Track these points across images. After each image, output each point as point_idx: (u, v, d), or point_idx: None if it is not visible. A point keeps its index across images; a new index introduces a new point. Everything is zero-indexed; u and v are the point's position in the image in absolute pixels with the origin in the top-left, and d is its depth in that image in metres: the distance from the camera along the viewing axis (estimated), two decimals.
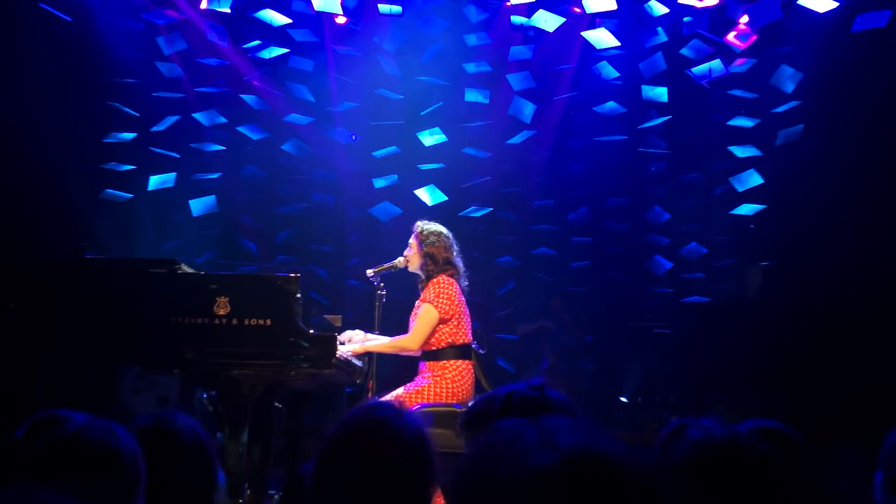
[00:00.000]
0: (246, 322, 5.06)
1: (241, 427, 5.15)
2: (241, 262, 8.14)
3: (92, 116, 7.72)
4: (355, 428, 2.02)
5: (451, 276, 5.59)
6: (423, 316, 5.49)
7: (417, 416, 2.09)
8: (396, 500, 1.98)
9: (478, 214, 8.10)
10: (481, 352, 5.62)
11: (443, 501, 3.25)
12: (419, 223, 5.74)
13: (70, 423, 1.91)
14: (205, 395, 6.44)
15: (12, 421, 2.01)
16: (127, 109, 7.77)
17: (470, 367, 5.52)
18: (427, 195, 7.91)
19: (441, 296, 5.48)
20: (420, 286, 5.67)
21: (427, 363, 5.53)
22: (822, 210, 7.62)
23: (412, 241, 5.70)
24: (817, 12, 7.32)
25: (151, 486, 1.95)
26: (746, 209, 7.84)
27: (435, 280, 5.55)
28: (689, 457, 1.95)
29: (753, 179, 7.72)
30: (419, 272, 5.67)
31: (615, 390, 7.92)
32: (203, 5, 7.78)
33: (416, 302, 5.63)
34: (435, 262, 5.59)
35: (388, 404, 2.10)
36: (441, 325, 5.49)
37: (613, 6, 7.52)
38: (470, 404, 2.45)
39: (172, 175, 7.92)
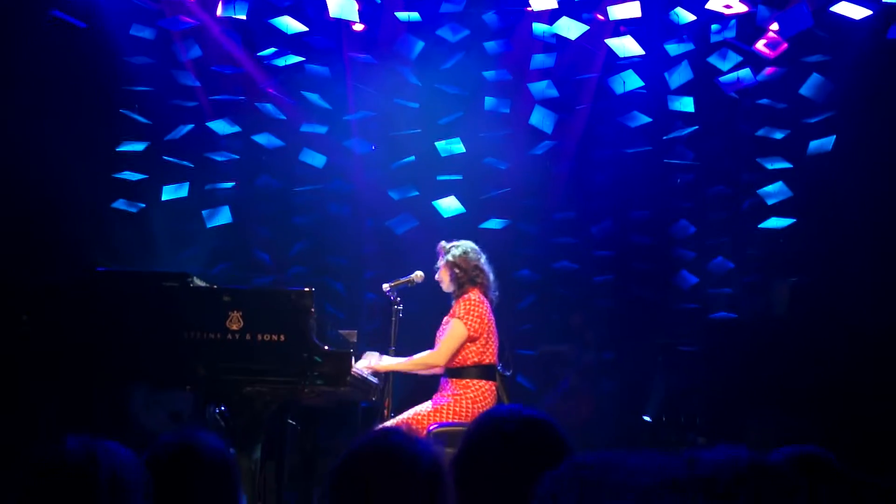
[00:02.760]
0: (259, 337, 4.97)
1: (255, 444, 5.08)
2: (255, 274, 8.01)
3: (103, 125, 7.61)
4: (366, 456, 1.90)
5: (482, 289, 5.45)
6: (452, 332, 5.36)
7: (431, 442, 1.98)
8: None
9: (497, 226, 7.91)
10: (506, 374, 5.47)
11: None
12: (443, 243, 5.67)
13: (55, 448, 1.91)
14: (217, 411, 6.34)
15: (21, 437, 2.03)
16: (138, 117, 7.64)
17: (493, 388, 5.38)
18: (442, 207, 7.76)
19: (472, 313, 5.36)
20: (453, 301, 5.54)
21: (450, 380, 5.40)
22: (855, 223, 7.38)
23: (440, 262, 5.61)
24: (851, 19, 7.12)
25: None
26: (775, 223, 7.62)
27: (466, 297, 5.43)
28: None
29: (783, 192, 7.52)
30: (452, 286, 5.54)
31: (639, 409, 7.72)
32: (219, 12, 7.65)
33: (445, 318, 5.50)
34: (464, 271, 5.47)
35: (398, 430, 1.98)
36: (468, 344, 5.35)
37: (638, 13, 7.35)
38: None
39: (186, 185, 7.79)
